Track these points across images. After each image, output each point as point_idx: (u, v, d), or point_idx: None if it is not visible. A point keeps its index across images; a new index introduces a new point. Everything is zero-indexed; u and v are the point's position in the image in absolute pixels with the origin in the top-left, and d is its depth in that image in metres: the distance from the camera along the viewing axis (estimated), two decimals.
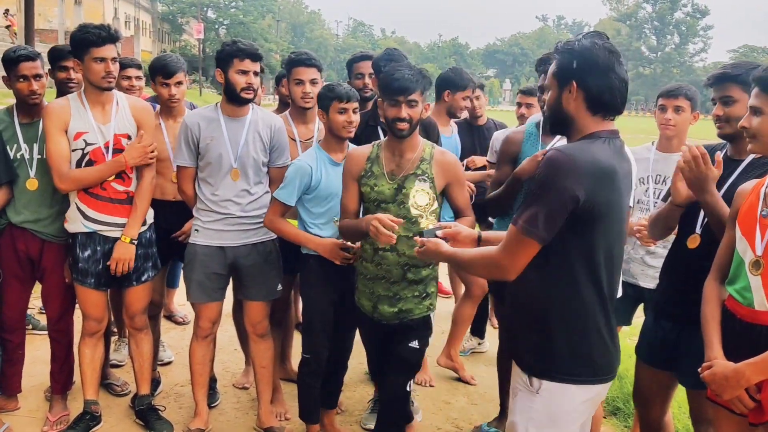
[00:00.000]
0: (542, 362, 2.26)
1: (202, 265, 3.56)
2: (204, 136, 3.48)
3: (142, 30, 52.62)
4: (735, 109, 2.67)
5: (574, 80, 2.16)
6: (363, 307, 3.16)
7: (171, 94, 3.93)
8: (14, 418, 3.83)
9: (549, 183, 2.07)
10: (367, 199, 3.03)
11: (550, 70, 2.27)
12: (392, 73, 2.99)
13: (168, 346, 4.86)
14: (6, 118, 3.64)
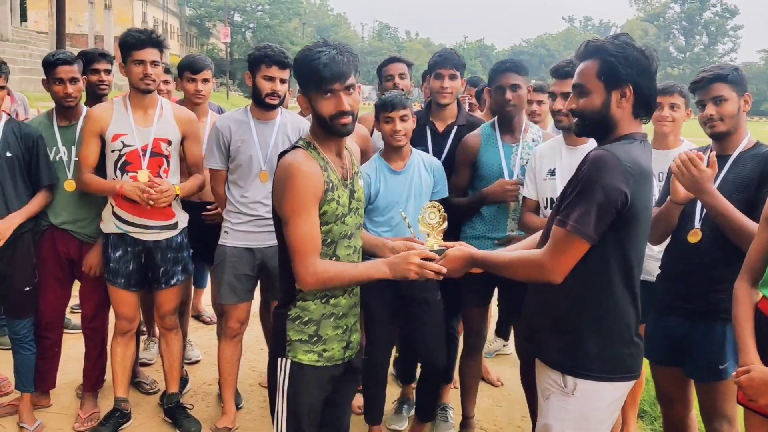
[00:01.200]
0: (576, 361, 2.24)
1: (231, 266, 3.61)
2: (234, 139, 3.54)
3: (170, 34, 53.20)
4: (727, 107, 2.80)
5: (630, 84, 2.17)
6: (333, 358, 2.43)
7: (197, 89, 4.02)
8: (47, 414, 3.92)
9: (597, 182, 2.07)
10: (332, 218, 2.32)
11: (591, 71, 2.21)
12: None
13: (196, 345, 4.93)
14: (46, 121, 3.76)
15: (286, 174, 2.24)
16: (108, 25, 31.72)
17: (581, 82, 2.24)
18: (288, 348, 2.38)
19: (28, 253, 3.63)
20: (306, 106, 2.36)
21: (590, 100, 2.22)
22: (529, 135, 3.54)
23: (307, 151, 2.31)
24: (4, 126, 3.53)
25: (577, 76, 2.26)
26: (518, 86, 3.45)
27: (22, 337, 3.68)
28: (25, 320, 3.67)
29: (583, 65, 2.24)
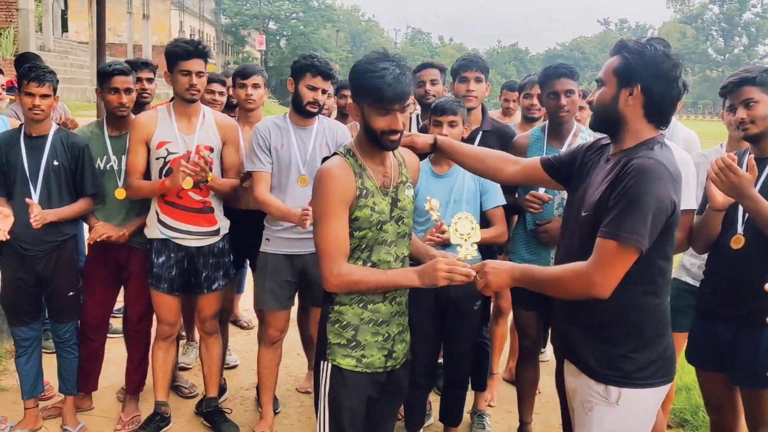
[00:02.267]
0: (619, 371, 2.21)
1: (273, 273, 3.65)
2: (275, 143, 3.57)
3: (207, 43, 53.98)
4: (758, 110, 2.77)
5: (639, 83, 2.18)
6: (373, 365, 2.44)
7: (247, 94, 4.07)
8: (89, 417, 3.99)
9: (647, 191, 2.05)
10: (365, 224, 2.35)
11: (611, 66, 2.25)
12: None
13: (233, 350, 4.97)
14: (97, 131, 3.86)
15: (318, 178, 2.33)
16: (146, 35, 32.29)
17: (600, 77, 2.29)
18: (328, 351, 2.41)
19: (71, 258, 3.71)
20: (357, 114, 2.37)
21: (603, 93, 2.27)
22: (578, 140, 3.48)
23: (344, 158, 2.36)
24: (53, 135, 3.61)
25: (600, 70, 2.30)
26: (572, 92, 3.41)
27: (65, 340, 3.76)
28: (69, 324, 3.76)
29: (607, 61, 2.28)
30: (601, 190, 2.19)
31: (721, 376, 2.94)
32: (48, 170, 3.56)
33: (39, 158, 3.55)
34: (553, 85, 3.41)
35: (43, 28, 25.26)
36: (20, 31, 17.87)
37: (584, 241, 2.19)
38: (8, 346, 4.66)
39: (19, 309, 3.66)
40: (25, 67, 3.55)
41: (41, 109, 3.49)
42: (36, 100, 3.46)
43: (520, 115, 4.94)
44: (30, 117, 3.52)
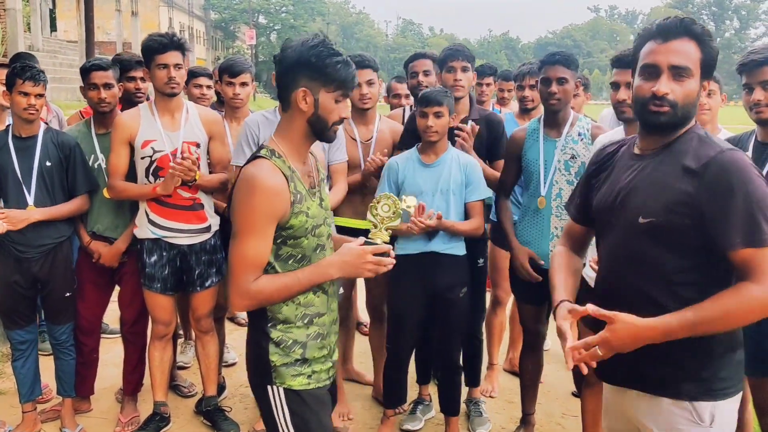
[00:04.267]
0: (711, 384, 1.95)
1: None
2: (264, 136, 3.52)
3: (197, 38, 53.72)
4: None
5: (714, 73, 2.08)
6: (321, 379, 2.26)
7: (235, 93, 4.01)
8: (87, 419, 3.96)
9: (762, 186, 1.84)
10: (300, 231, 2.14)
11: (694, 56, 1.93)
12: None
13: (231, 347, 4.95)
14: (84, 129, 3.82)
15: (248, 187, 2.04)
16: (135, 32, 32.10)
17: (685, 64, 1.92)
18: (274, 374, 2.17)
19: (67, 259, 3.67)
20: (303, 104, 2.09)
21: (689, 87, 1.93)
22: (575, 128, 3.45)
23: (271, 161, 2.09)
24: (43, 136, 3.56)
25: (675, 55, 1.91)
26: (565, 80, 3.35)
27: (62, 342, 3.73)
28: (65, 326, 3.72)
29: (678, 46, 1.92)
30: (670, 193, 1.89)
31: None
32: (41, 171, 3.51)
33: (30, 159, 3.51)
34: (546, 71, 3.39)
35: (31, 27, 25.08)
36: (8, 31, 17.72)
37: (641, 248, 1.94)
38: (5, 350, 4.63)
39: (15, 312, 3.62)
40: (17, 66, 3.49)
41: (36, 108, 3.45)
42: (31, 99, 3.41)
43: (518, 106, 4.92)
44: (24, 117, 3.46)
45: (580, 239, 2.32)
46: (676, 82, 1.91)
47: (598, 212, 2.14)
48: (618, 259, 2.03)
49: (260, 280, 2.08)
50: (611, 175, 2.11)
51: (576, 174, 3.37)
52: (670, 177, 1.92)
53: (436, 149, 3.51)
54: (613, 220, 2.04)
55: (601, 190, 2.12)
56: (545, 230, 3.43)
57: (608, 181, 2.11)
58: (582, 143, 3.42)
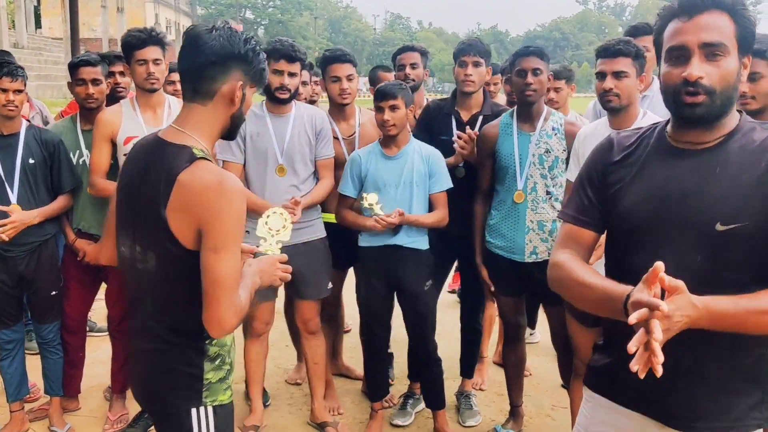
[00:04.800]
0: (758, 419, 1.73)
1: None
2: (250, 131, 3.51)
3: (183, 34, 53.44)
4: (762, 85, 2.68)
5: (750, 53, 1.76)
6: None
7: None
8: (76, 418, 3.94)
9: None
10: None
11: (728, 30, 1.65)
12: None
13: None
14: (70, 125, 3.80)
15: (224, 193, 1.84)
16: (121, 29, 31.89)
17: (719, 40, 1.63)
18: (205, 393, 2.00)
19: (52, 257, 3.64)
20: (232, 98, 1.97)
21: (729, 65, 1.66)
22: (549, 123, 3.45)
23: (212, 162, 1.93)
24: (25, 133, 3.53)
25: (706, 31, 1.63)
26: (540, 71, 3.36)
27: (49, 341, 3.70)
28: (52, 324, 3.69)
29: (709, 20, 1.65)
30: (759, 191, 1.62)
31: None
32: (24, 169, 3.48)
33: (13, 157, 3.47)
34: (520, 63, 3.39)
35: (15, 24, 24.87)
36: None
37: (715, 258, 1.65)
38: None
39: (1, 311, 3.58)
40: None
41: (15, 105, 3.41)
42: (10, 95, 3.38)
43: (505, 100, 4.91)
44: (4, 114, 3.42)
45: (590, 247, 1.92)
46: (710, 63, 1.62)
47: (634, 219, 1.76)
48: (678, 274, 1.54)
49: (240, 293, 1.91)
50: (642, 175, 1.76)
51: (549, 168, 3.39)
52: (750, 173, 1.62)
53: (397, 141, 3.53)
54: (668, 228, 1.69)
55: (633, 192, 1.77)
56: (521, 224, 3.44)
57: (640, 182, 1.77)
58: (556, 138, 3.43)
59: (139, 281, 1.99)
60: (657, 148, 1.78)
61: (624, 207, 1.78)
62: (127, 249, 2.01)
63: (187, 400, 1.99)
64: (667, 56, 1.70)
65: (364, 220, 3.51)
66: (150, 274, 1.94)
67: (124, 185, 2.02)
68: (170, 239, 1.86)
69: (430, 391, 3.77)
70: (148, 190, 1.90)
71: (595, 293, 1.69)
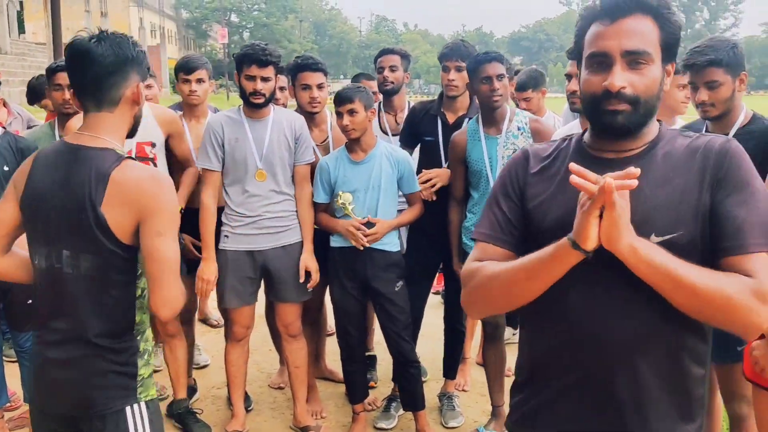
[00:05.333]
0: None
1: (233, 270, 3.58)
2: (229, 137, 3.50)
3: (168, 38, 53.28)
4: (720, 92, 2.72)
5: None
6: None
7: (191, 90, 3.96)
8: None
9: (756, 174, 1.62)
10: None
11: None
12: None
13: (204, 349, 4.91)
14: (48, 131, 3.79)
15: (162, 184, 2.00)
16: None
17: (642, 48, 1.55)
18: (140, 389, 2.05)
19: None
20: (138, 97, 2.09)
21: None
22: (514, 124, 3.50)
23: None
24: (0, 139, 3.50)
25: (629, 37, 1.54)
26: (504, 76, 3.43)
27: (27, 349, 3.66)
28: (29, 333, 3.66)
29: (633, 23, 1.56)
30: (688, 198, 1.53)
31: None
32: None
33: None
34: (485, 70, 3.41)
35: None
36: None
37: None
38: None
39: None
40: None
41: None
42: None
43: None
44: None
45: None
46: (632, 72, 1.53)
47: (561, 236, 1.50)
48: (606, 295, 1.51)
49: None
50: (565, 188, 1.54)
51: None
52: (679, 180, 1.54)
53: (363, 146, 3.53)
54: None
55: (557, 206, 1.61)
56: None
57: (564, 196, 1.59)
58: (522, 137, 3.48)
59: (64, 290, 2.00)
60: (577, 159, 1.57)
61: (549, 223, 1.60)
62: (43, 259, 2.02)
63: (123, 399, 2.03)
64: (588, 62, 1.58)
65: (335, 223, 3.54)
66: (80, 279, 1.98)
67: (36, 195, 2.03)
68: (107, 235, 1.94)
69: (408, 392, 3.77)
70: (72, 194, 1.96)
71: (527, 267, 1.52)
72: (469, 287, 1.66)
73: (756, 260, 1.44)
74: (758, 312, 1.40)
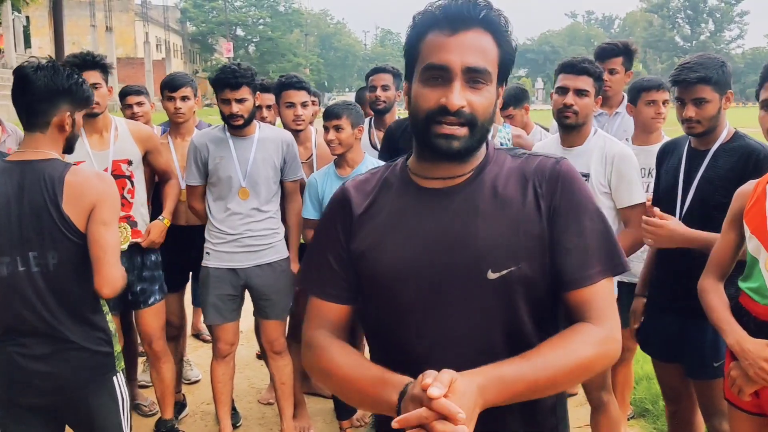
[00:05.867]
0: None
1: (214, 287, 3.60)
2: (213, 156, 3.52)
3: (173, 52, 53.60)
4: (707, 110, 2.71)
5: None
6: None
7: (176, 108, 3.98)
8: None
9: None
10: None
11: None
12: None
13: (195, 364, 4.91)
14: None
15: (104, 180, 2.42)
16: (110, 47, 32.03)
17: (483, 66, 1.42)
18: (117, 363, 2.47)
19: None
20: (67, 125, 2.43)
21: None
22: (497, 139, 3.51)
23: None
24: None
25: (471, 53, 1.40)
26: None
27: None
28: None
29: (475, 38, 1.43)
30: (525, 228, 1.45)
31: (676, 366, 2.94)
32: None
33: None
34: None
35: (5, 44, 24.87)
36: None
37: (491, 312, 1.46)
38: None
39: None
40: None
41: None
42: None
43: None
44: None
45: (345, 323, 1.56)
46: (472, 91, 1.40)
47: (396, 280, 1.45)
48: (454, 336, 1.42)
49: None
50: (396, 227, 1.47)
51: None
52: (512, 208, 1.44)
53: (349, 162, 3.55)
54: (437, 283, 1.42)
55: (389, 249, 1.47)
56: None
57: (395, 236, 1.47)
58: None
59: (28, 291, 2.26)
60: (404, 190, 1.50)
61: (383, 269, 1.46)
62: (4, 267, 2.26)
63: (109, 372, 2.43)
64: (424, 74, 1.42)
65: None
66: (49, 275, 2.27)
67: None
68: (71, 230, 2.27)
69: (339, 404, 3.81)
70: (31, 201, 2.25)
71: (360, 382, 1.39)
72: (310, 360, 1.52)
73: (597, 292, 1.41)
74: (616, 351, 1.40)
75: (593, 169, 2.95)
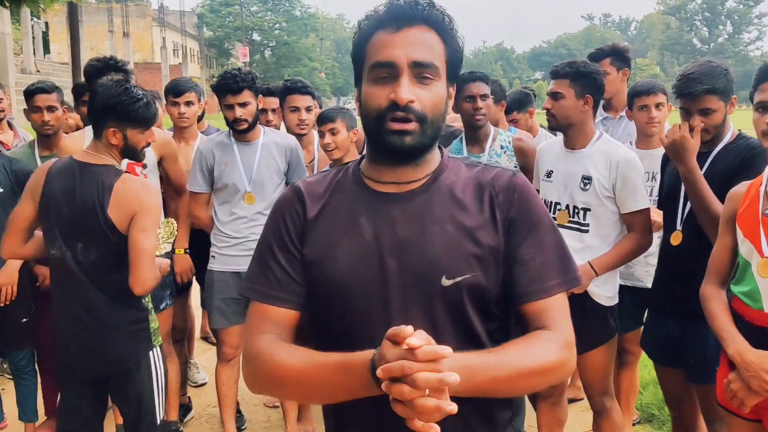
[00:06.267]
0: None
1: (218, 291, 3.62)
2: (218, 162, 3.55)
3: (190, 57, 54.00)
4: (714, 118, 2.70)
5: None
6: None
7: (180, 113, 4.02)
8: None
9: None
10: None
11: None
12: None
13: (203, 367, 4.94)
14: (28, 151, 3.86)
15: (149, 190, 2.70)
16: (128, 53, 32.32)
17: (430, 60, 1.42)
18: (153, 338, 2.81)
19: (22, 284, 3.65)
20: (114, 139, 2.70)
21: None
22: (497, 142, 3.52)
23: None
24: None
25: (416, 48, 1.40)
26: (487, 96, 3.49)
27: (21, 367, 3.72)
28: (24, 351, 3.71)
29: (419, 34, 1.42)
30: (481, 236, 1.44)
31: (678, 371, 2.93)
32: None
33: None
34: (468, 89, 3.45)
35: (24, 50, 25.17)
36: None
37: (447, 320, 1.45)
38: None
39: None
40: None
41: None
42: None
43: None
44: None
45: (292, 328, 1.47)
46: (420, 86, 1.39)
47: (350, 288, 1.41)
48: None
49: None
50: (349, 231, 1.44)
51: None
52: (466, 216, 1.44)
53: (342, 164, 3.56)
54: (391, 291, 1.40)
55: (342, 253, 1.43)
56: None
57: (348, 240, 1.43)
58: (505, 155, 3.51)
59: (75, 274, 2.62)
60: (357, 194, 1.48)
61: (337, 272, 1.42)
62: (58, 249, 2.62)
63: (143, 350, 2.76)
64: (372, 74, 1.42)
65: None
66: (89, 266, 2.61)
67: (51, 199, 2.64)
68: (112, 230, 2.59)
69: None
70: (84, 200, 2.58)
71: (321, 373, 1.31)
72: (253, 370, 1.42)
73: (553, 304, 1.41)
74: (572, 361, 1.40)
75: (597, 173, 2.92)
